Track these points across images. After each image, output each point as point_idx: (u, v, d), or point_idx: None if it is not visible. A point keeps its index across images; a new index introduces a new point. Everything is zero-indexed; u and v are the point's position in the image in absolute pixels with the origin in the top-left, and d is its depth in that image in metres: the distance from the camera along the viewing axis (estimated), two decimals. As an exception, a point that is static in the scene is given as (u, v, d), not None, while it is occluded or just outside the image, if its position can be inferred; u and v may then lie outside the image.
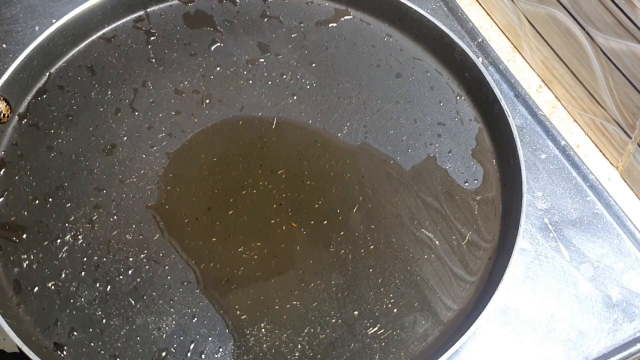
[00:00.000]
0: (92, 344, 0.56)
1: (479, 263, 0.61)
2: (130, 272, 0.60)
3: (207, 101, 0.69)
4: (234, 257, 0.61)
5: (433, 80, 0.72)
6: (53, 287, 0.59)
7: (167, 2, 0.74)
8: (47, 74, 0.70)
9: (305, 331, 0.58)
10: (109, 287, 0.59)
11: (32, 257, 0.60)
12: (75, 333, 0.57)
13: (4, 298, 0.58)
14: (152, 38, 0.72)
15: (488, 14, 0.83)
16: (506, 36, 0.81)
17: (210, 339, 0.57)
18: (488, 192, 0.65)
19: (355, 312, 0.59)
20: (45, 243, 0.61)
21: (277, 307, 0.59)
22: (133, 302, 0.58)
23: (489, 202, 0.65)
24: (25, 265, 0.60)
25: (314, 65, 0.72)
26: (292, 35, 0.72)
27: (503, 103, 0.66)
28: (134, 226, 0.62)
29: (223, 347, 0.57)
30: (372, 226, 0.63)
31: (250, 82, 0.70)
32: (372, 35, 0.74)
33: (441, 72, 0.72)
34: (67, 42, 0.71)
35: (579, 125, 0.75)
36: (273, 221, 0.63)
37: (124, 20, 0.73)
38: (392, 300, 0.59)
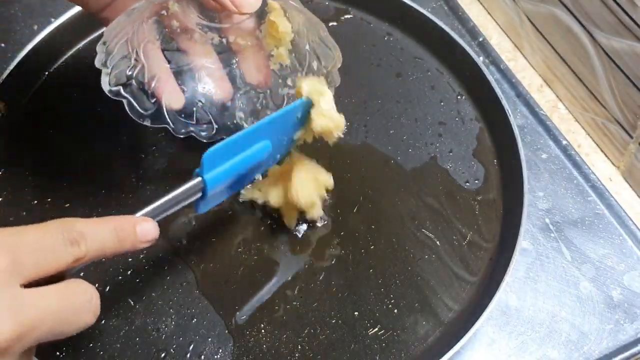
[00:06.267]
0: (91, 345, 0.56)
1: (480, 263, 0.61)
2: (129, 272, 0.60)
3: (207, 101, 0.69)
4: (233, 257, 0.61)
5: (434, 79, 0.72)
6: (52, 288, 0.58)
7: (167, 1, 0.73)
8: (46, 73, 0.70)
9: (305, 332, 0.57)
10: (107, 287, 0.59)
11: (30, 257, 0.60)
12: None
13: (3, 299, 0.58)
14: (152, 37, 0.72)
15: (489, 12, 0.83)
16: (507, 35, 0.81)
17: (209, 339, 0.57)
18: (489, 192, 0.65)
19: (356, 313, 0.58)
20: (44, 243, 0.60)
21: (276, 307, 0.58)
22: (132, 302, 0.58)
23: (490, 202, 0.64)
24: (23, 265, 0.59)
25: (314, 64, 0.71)
26: (292, 35, 0.72)
27: (504, 102, 0.66)
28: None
29: (222, 348, 0.57)
30: (373, 226, 0.63)
31: (250, 81, 0.70)
32: (372, 34, 0.74)
33: (442, 72, 0.72)
34: (66, 42, 0.70)
35: (580, 124, 0.75)
36: (273, 221, 0.63)
37: (123, 19, 0.72)
38: (392, 301, 0.59)
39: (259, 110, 0.61)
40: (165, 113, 0.57)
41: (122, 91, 0.56)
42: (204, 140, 0.59)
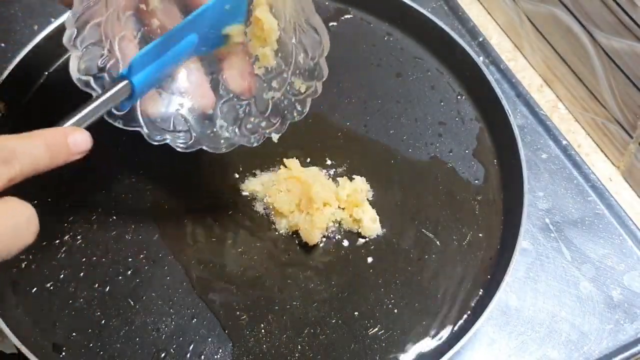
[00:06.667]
0: (91, 345, 0.56)
1: (480, 263, 0.61)
2: (129, 272, 0.60)
3: (207, 101, 0.69)
4: (233, 257, 0.61)
5: (434, 79, 0.72)
6: (52, 288, 0.59)
7: (167, 1, 0.73)
8: (46, 73, 0.70)
9: (305, 332, 0.57)
10: (107, 287, 0.59)
11: (30, 257, 0.60)
12: (74, 334, 0.57)
13: (3, 299, 0.58)
14: (152, 37, 0.72)
15: (489, 12, 0.83)
16: (507, 35, 0.81)
17: (209, 339, 0.57)
18: (489, 192, 0.65)
19: (356, 313, 0.58)
20: (44, 243, 0.60)
21: (276, 307, 0.58)
22: (132, 302, 0.58)
23: (490, 202, 0.64)
24: (23, 265, 0.59)
25: (314, 64, 0.71)
26: (292, 35, 0.72)
27: (504, 102, 0.66)
28: (133, 227, 0.62)
29: (222, 348, 0.57)
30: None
31: (250, 81, 0.70)
32: (372, 34, 0.74)
33: (442, 72, 0.72)
34: (66, 42, 0.70)
35: (580, 124, 0.75)
36: (273, 221, 0.63)
37: (123, 19, 0.72)
38: (392, 301, 0.59)
39: (242, 118, 0.57)
40: (140, 116, 0.54)
41: (92, 82, 0.52)
42: (179, 150, 0.55)
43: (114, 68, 0.52)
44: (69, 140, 0.43)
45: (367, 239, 0.62)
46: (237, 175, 0.64)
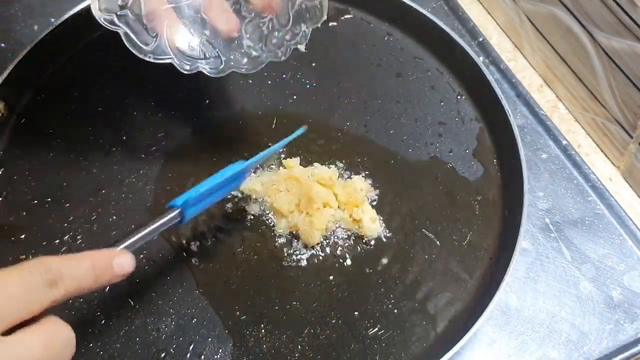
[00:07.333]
0: (91, 345, 0.56)
1: (480, 263, 0.61)
2: (129, 272, 0.60)
3: (207, 101, 0.69)
4: (233, 257, 0.61)
5: (434, 79, 0.72)
6: (52, 288, 0.58)
7: (167, 1, 0.73)
8: (46, 73, 0.70)
9: (305, 332, 0.57)
10: (107, 287, 0.59)
11: (30, 257, 0.59)
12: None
13: (3, 299, 0.58)
14: (152, 37, 0.72)
15: (489, 12, 0.83)
16: (507, 35, 0.81)
17: (209, 339, 0.57)
18: (489, 192, 0.65)
19: (356, 313, 0.58)
20: (44, 243, 0.60)
21: (276, 307, 0.58)
22: (132, 302, 0.58)
23: (490, 202, 0.64)
24: (23, 265, 0.59)
25: (314, 64, 0.71)
26: (292, 35, 0.72)
27: (504, 102, 0.66)
28: (133, 226, 0.62)
29: (222, 347, 0.57)
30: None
31: (250, 81, 0.70)
32: (372, 34, 0.74)
33: (442, 72, 0.72)
34: (66, 42, 0.70)
35: (580, 124, 0.75)
36: (272, 221, 0.63)
37: (123, 19, 0.72)
38: (392, 301, 0.59)
39: (267, 34, 0.59)
40: (169, 48, 0.55)
41: (115, 20, 0.53)
42: (212, 75, 0.58)
43: (136, 5, 0.54)
44: (115, 262, 0.45)
45: (366, 239, 0.62)
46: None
